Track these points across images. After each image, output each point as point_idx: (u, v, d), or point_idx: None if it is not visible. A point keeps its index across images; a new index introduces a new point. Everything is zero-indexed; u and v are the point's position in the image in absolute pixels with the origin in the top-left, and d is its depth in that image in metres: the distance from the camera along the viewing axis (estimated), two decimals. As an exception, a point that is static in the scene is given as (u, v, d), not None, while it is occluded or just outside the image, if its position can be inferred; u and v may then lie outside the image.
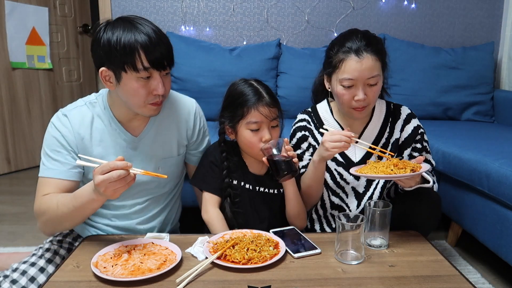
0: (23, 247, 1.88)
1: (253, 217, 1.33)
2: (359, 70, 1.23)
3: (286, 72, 2.51)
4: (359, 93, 1.25)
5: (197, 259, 1.06)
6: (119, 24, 1.12)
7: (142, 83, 1.13)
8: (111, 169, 0.98)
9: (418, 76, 2.48)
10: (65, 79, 3.41)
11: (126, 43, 1.08)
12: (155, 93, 1.14)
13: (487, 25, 2.76)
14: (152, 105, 1.18)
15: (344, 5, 2.70)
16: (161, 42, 1.12)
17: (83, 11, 3.49)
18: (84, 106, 1.26)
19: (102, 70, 1.14)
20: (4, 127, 3.01)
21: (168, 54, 1.14)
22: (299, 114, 1.49)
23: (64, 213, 1.14)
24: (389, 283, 0.97)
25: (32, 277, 1.16)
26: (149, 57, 1.10)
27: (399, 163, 1.17)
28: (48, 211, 1.17)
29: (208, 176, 1.32)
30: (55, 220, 1.18)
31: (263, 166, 1.36)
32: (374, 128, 1.41)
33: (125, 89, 1.14)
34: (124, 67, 1.10)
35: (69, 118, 1.23)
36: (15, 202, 2.50)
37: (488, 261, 1.76)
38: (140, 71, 1.10)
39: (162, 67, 1.13)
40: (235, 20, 2.69)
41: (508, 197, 1.42)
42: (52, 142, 1.22)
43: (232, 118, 1.27)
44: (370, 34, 1.31)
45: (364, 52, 1.23)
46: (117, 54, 1.09)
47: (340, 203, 1.44)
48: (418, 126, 1.42)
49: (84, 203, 1.10)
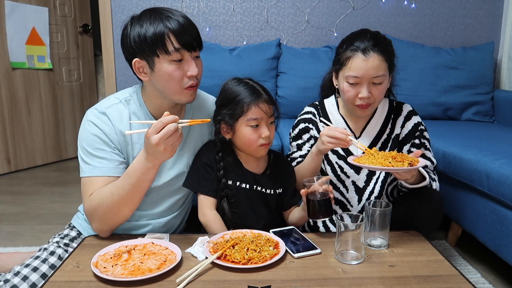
0: (23, 247, 1.88)
1: (250, 216, 1.33)
2: (364, 69, 1.27)
3: (286, 72, 2.51)
4: (363, 91, 1.28)
5: (197, 259, 1.06)
6: (146, 15, 1.16)
7: (176, 66, 1.15)
8: (164, 125, 1.00)
9: (418, 76, 2.48)
10: (65, 79, 3.41)
11: (156, 30, 1.12)
12: (189, 74, 1.17)
13: (487, 25, 2.76)
14: (188, 90, 1.19)
15: (344, 5, 2.70)
16: (189, 25, 1.16)
17: (83, 11, 3.49)
18: (120, 103, 1.25)
19: (135, 61, 1.17)
20: (4, 127, 3.01)
21: (196, 36, 1.18)
22: (306, 107, 1.53)
23: (122, 196, 1.12)
24: (389, 283, 0.97)
25: (34, 283, 1.14)
26: (179, 38, 1.13)
27: (398, 156, 1.17)
28: (102, 204, 1.14)
29: (202, 179, 1.31)
30: (113, 210, 1.14)
31: (259, 164, 1.36)
32: (376, 125, 1.43)
33: (160, 75, 1.16)
34: (156, 52, 1.13)
35: (109, 115, 1.22)
36: (15, 202, 2.51)
37: (488, 261, 1.76)
38: (172, 53, 1.13)
39: (192, 48, 1.17)
40: (235, 20, 2.69)
41: (508, 197, 1.42)
42: (94, 140, 1.19)
43: (231, 116, 1.27)
44: (380, 35, 1.34)
45: (371, 51, 1.27)
46: (148, 43, 1.13)
47: (341, 198, 1.46)
48: (419, 123, 1.43)
49: (139, 176, 1.09)
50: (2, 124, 2.99)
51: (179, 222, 1.42)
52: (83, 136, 1.22)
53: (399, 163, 1.14)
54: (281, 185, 1.37)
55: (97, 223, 1.19)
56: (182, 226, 1.46)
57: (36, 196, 2.60)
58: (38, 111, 3.22)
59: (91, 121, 1.21)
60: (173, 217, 1.37)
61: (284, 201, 1.39)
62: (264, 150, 1.30)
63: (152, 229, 1.32)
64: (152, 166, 1.09)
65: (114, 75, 2.72)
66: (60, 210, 2.35)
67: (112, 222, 1.19)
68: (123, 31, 1.19)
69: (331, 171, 1.45)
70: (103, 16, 2.65)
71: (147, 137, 1.02)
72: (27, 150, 3.17)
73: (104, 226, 1.19)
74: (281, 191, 1.37)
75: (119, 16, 2.64)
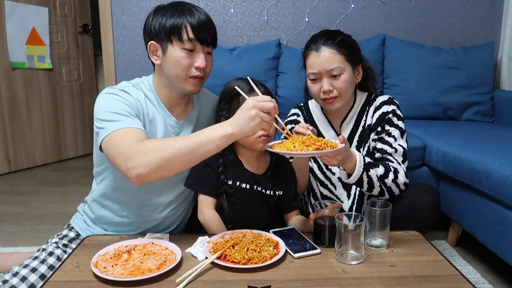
0: (23, 247, 1.88)
1: (250, 216, 1.34)
2: (318, 63, 1.33)
3: (286, 72, 2.51)
4: (324, 85, 1.34)
5: (197, 259, 1.06)
6: (170, 6, 1.23)
7: (186, 54, 1.20)
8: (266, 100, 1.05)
9: (418, 76, 2.48)
10: (65, 79, 3.41)
11: (176, 20, 1.19)
12: (197, 65, 1.20)
13: (487, 25, 2.76)
14: (193, 79, 1.22)
15: (344, 5, 2.70)
16: (208, 22, 1.22)
17: (83, 11, 3.49)
18: (133, 87, 1.26)
19: (150, 44, 1.24)
20: (4, 127, 3.01)
21: (213, 34, 1.24)
22: (292, 109, 1.58)
23: (184, 147, 1.04)
24: (389, 283, 0.97)
25: (32, 284, 1.14)
26: (195, 30, 1.19)
27: (307, 140, 1.12)
28: (167, 147, 1.04)
29: (202, 178, 1.32)
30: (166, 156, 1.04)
31: (260, 164, 1.36)
32: (352, 118, 1.46)
33: (169, 60, 1.20)
34: (170, 37, 1.19)
35: (128, 91, 1.21)
36: (15, 202, 2.51)
37: (488, 261, 1.76)
38: (185, 42, 1.18)
39: (206, 42, 1.22)
40: (235, 20, 2.69)
41: (508, 197, 1.42)
42: (119, 105, 1.15)
43: (228, 110, 1.29)
44: (333, 31, 1.39)
45: (322, 46, 1.33)
46: (166, 30, 1.19)
47: (330, 195, 1.48)
48: (387, 112, 1.39)
49: (212, 135, 1.04)
50: (2, 124, 2.99)
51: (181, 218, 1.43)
52: (102, 104, 1.16)
53: (305, 147, 1.10)
54: (281, 187, 1.37)
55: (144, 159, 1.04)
56: (182, 225, 1.46)
57: (36, 196, 2.60)
58: (38, 111, 3.22)
59: (111, 93, 1.18)
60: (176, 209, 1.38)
61: (285, 204, 1.39)
62: (263, 143, 1.27)
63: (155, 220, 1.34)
64: (230, 134, 1.04)
65: (114, 75, 2.72)
66: (60, 210, 2.35)
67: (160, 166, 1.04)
68: (147, 18, 1.26)
69: (318, 169, 1.49)
70: (103, 16, 2.64)
71: (249, 101, 1.04)
72: (27, 150, 3.17)
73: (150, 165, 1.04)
74: (281, 194, 1.37)
75: (119, 16, 2.64)
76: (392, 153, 1.37)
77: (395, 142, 1.37)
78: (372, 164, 1.29)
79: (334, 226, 1.11)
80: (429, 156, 1.92)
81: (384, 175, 1.29)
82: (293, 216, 1.39)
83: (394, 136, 1.38)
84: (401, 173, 1.32)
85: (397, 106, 1.42)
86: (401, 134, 1.39)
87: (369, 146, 1.43)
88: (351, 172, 1.26)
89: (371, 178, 1.27)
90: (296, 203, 1.40)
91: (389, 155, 1.37)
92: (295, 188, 1.40)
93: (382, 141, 1.38)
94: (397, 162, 1.36)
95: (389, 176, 1.30)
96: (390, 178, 1.30)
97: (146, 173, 1.04)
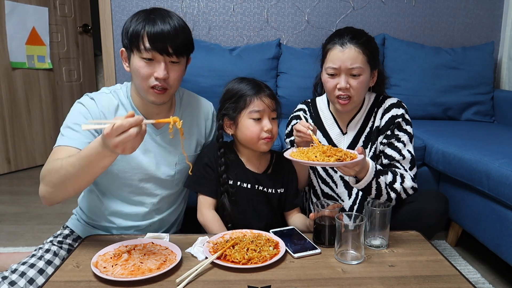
0: (23, 247, 1.88)
1: (251, 216, 1.34)
2: (341, 59, 1.31)
3: (286, 72, 2.51)
4: (341, 81, 1.32)
5: (197, 259, 1.06)
6: (141, 12, 1.20)
7: (145, 64, 1.17)
8: (125, 129, 0.91)
9: (418, 76, 2.48)
10: (65, 79, 3.41)
11: (135, 27, 1.16)
12: (155, 75, 1.17)
13: (487, 25, 2.76)
14: (152, 90, 1.19)
15: (344, 5, 2.70)
16: (173, 31, 1.16)
17: (83, 11, 3.49)
18: (110, 94, 1.28)
19: (121, 50, 1.24)
20: (4, 127, 3.01)
21: (177, 43, 1.16)
22: (299, 104, 1.57)
23: (69, 173, 1.05)
24: (389, 283, 0.97)
25: (31, 279, 1.15)
26: (151, 39, 1.14)
27: (328, 150, 1.13)
28: (51, 171, 1.10)
29: (202, 179, 1.32)
30: (58, 180, 1.09)
31: (260, 163, 1.37)
32: (360, 119, 1.45)
33: (132, 68, 1.20)
34: (131, 46, 1.18)
35: (96, 101, 1.25)
36: (15, 202, 2.51)
37: (488, 261, 1.76)
38: (142, 51, 1.16)
39: (166, 52, 1.16)
40: (235, 20, 2.69)
41: (508, 197, 1.42)
42: (78, 117, 1.21)
43: (234, 109, 1.29)
44: (360, 30, 1.38)
45: (348, 43, 1.32)
46: (128, 37, 1.18)
47: (331, 193, 1.47)
48: (397, 116, 1.40)
49: (93, 161, 1.01)
50: (2, 124, 2.99)
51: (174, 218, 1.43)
52: (69, 114, 1.24)
53: (327, 157, 1.10)
54: (282, 185, 1.37)
55: (41, 189, 1.15)
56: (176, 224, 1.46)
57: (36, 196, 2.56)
58: (38, 111, 3.22)
59: (79, 102, 1.25)
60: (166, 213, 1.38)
61: (286, 202, 1.39)
62: (267, 145, 1.30)
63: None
64: (109, 155, 1.00)
65: (114, 75, 2.72)
66: (60, 210, 2.35)
67: (54, 194, 1.13)
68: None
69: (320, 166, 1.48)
70: (103, 16, 2.64)
71: (105, 137, 0.92)
72: (27, 150, 3.17)
73: (46, 194, 1.14)
74: (283, 191, 1.37)
75: (119, 16, 2.64)
76: (400, 160, 1.38)
77: (404, 148, 1.39)
78: (382, 172, 1.30)
79: (334, 226, 1.11)
80: (429, 156, 1.92)
81: (392, 181, 1.31)
82: (294, 214, 1.39)
83: (403, 141, 1.39)
84: (408, 178, 1.33)
85: (406, 110, 1.43)
86: (410, 139, 1.41)
87: (376, 148, 1.43)
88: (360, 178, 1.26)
89: (380, 185, 1.28)
90: (298, 200, 1.40)
91: (397, 162, 1.38)
92: (296, 186, 1.41)
93: (391, 146, 1.39)
94: (404, 169, 1.37)
95: (397, 181, 1.31)
96: (397, 183, 1.31)
97: (46, 201, 1.18)
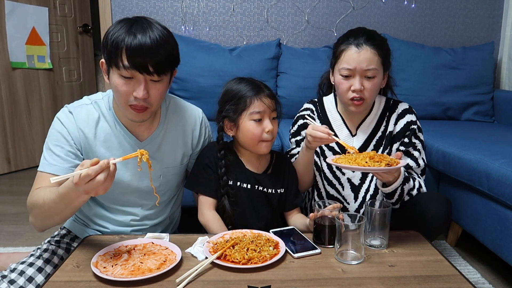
0: (23, 247, 1.88)
1: (251, 216, 1.34)
2: (357, 60, 1.29)
3: (286, 72, 2.51)
4: (356, 83, 1.30)
5: (197, 259, 1.06)
6: (123, 22, 1.12)
7: (124, 81, 1.10)
8: (92, 177, 0.92)
9: (418, 76, 2.48)
10: (65, 79, 3.41)
11: (115, 40, 1.08)
12: (135, 94, 1.11)
13: (487, 25, 2.76)
14: (132, 108, 1.14)
15: (344, 5, 2.70)
16: (154, 44, 1.07)
17: (83, 11, 3.49)
18: (90, 105, 1.24)
19: (101, 62, 1.17)
20: (4, 127, 3.01)
21: (158, 59, 1.08)
22: (305, 103, 1.54)
23: (52, 209, 1.08)
24: (389, 283, 0.97)
25: (30, 277, 1.15)
26: (131, 57, 1.07)
27: (376, 156, 1.15)
28: (36, 206, 1.12)
29: (202, 179, 1.32)
30: (44, 215, 1.13)
31: (260, 164, 1.36)
32: (371, 122, 1.44)
33: (111, 83, 1.14)
34: (110, 62, 1.11)
35: (74, 115, 1.22)
36: (15, 202, 2.50)
37: (488, 261, 1.76)
38: (121, 69, 1.08)
39: (146, 71, 1.08)
40: (235, 20, 2.69)
41: (508, 197, 1.42)
42: (57, 137, 1.20)
43: (234, 111, 1.29)
44: (375, 32, 1.36)
45: (363, 44, 1.30)
46: (107, 51, 1.10)
47: (336, 195, 1.46)
48: (412, 122, 1.42)
49: (72, 198, 1.02)
50: (2, 124, 2.99)
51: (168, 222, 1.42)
52: (49, 131, 1.23)
53: (376, 163, 1.12)
54: (282, 185, 1.37)
55: (31, 219, 1.17)
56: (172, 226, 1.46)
57: (36, 196, 2.60)
58: (38, 111, 3.22)
59: (58, 118, 1.22)
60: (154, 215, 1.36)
61: (286, 202, 1.39)
62: (267, 147, 1.30)
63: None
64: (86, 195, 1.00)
65: (114, 75, 2.72)
66: (60, 210, 2.35)
67: (43, 224, 1.17)
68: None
69: (327, 167, 1.47)
70: (103, 16, 2.65)
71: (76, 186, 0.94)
72: (27, 150, 3.17)
73: (36, 223, 1.17)
74: (283, 191, 1.37)
75: (119, 16, 2.64)
76: (415, 168, 1.41)
77: (420, 156, 1.42)
78: (407, 178, 1.31)
79: (334, 226, 1.11)
80: (429, 156, 1.92)
81: (411, 188, 1.33)
82: (294, 214, 1.39)
83: (419, 149, 1.42)
84: (422, 185, 1.38)
85: (416, 115, 1.45)
86: (423, 146, 1.43)
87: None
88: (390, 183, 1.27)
89: (403, 191, 1.31)
90: (298, 200, 1.40)
91: (412, 170, 1.41)
92: (296, 186, 1.40)
93: (408, 154, 1.41)
94: (417, 175, 1.40)
95: (415, 188, 1.35)
96: (415, 190, 1.35)
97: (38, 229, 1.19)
